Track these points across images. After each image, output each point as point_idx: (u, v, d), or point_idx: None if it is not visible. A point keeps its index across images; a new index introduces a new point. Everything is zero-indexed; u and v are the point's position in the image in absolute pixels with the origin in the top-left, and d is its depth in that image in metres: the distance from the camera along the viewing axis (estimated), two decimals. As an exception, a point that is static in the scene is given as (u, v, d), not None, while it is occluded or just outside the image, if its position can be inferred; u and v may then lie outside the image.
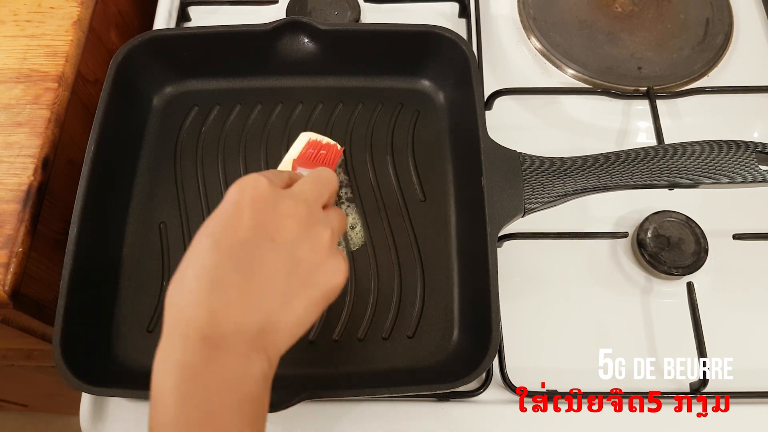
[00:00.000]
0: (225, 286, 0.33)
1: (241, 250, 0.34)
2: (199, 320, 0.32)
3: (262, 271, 0.34)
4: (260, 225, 0.35)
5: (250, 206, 0.35)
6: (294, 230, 0.36)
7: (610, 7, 0.70)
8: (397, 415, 0.51)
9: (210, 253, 0.34)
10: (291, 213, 0.36)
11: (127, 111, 0.58)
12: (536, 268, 0.57)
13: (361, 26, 0.64)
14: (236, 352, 0.33)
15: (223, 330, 0.32)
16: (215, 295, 0.33)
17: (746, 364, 0.53)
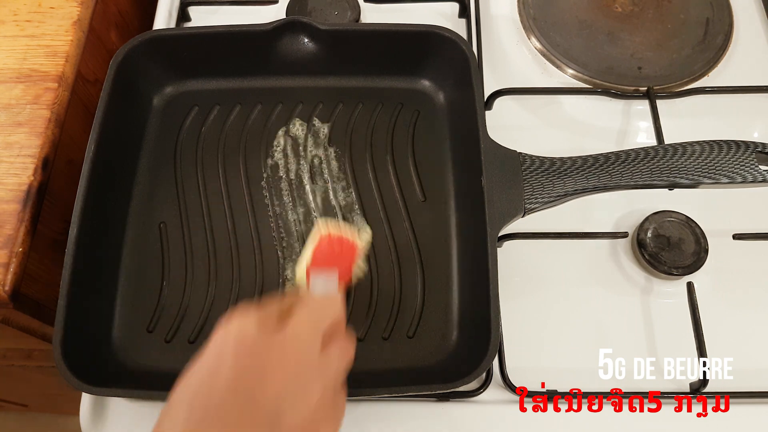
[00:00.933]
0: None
1: (220, 401, 0.32)
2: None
3: (238, 426, 0.32)
4: (241, 375, 0.33)
5: (232, 359, 0.33)
6: (279, 384, 0.33)
7: (610, 7, 0.70)
8: (397, 415, 0.51)
9: (188, 396, 0.33)
10: (278, 362, 0.33)
11: (127, 111, 0.58)
12: (536, 268, 0.57)
13: (361, 26, 0.64)
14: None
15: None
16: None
17: (746, 364, 0.53)
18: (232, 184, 0.58)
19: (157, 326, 0.53)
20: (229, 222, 0.57)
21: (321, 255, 0.47)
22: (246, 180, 0.58)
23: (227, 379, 0.33)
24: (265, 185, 0.58)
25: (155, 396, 0.50)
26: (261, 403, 0.33)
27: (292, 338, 0.35)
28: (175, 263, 0.55)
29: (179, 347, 0.52)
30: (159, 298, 0.54)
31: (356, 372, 0.51)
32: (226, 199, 0.57)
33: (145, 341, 0.52)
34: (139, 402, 0.51)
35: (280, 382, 0.33)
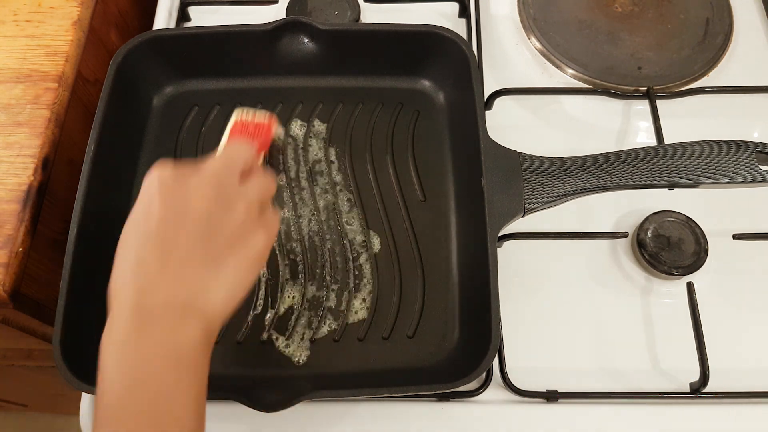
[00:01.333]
0: (147, 264, 0.36)
1: (157, 230, 0.37)
2: (129, 299, 0.35)
3: (179, 245, 0.36)
4: (170, 206, 0.37)
5: (158, 191, 0.38)
6: (204, 204, 0.38)
7: (610, 7, 0.70)
8: (397, 415, 0.51)
9: (131, 241, 0.37)
10: (198, 189, 0.38)
11: (127, 111, 0.58)
12: (536, 268, 0.57)
13: (361, 26, 0.64)
14: (165, 321, 0.35)
15: (150, 303, 0.35)
16: (139, 275, 0.36)
17: (746, 364, 0.53)
18: (232, 184, 0.58)
19: (157, 326, 0.53)
20: (229, 222, 0.57)
21: (237, 135, 0.50)
22: (246, 180, 0.58)
23: (159, 205, 0.37)
24: (265, 185, 0.58)
25: (155, 396, 0.50)
26: (192, 218, 0.37)
27: (207, 169, 0.39)
28: (175, 263, 0.55)
29: (179, 347, 0.52)
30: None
31: (356, 372, 0.51)
32: (226, 199, 0.57)
33: (145, 341, 0.52)
34: (139, 402, 0.51)
35: (205, 201, 0.38)
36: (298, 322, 0.53)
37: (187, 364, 0.35)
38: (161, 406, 0.33)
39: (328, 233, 0.56)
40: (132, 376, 0.34)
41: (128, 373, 0.34)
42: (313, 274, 0.55)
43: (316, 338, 0.52)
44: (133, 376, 0.34)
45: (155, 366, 0.34)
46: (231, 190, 0.39)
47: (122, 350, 0.34)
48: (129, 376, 0.34)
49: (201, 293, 0.36)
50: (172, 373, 0.34)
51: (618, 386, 0.52)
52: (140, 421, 0.33)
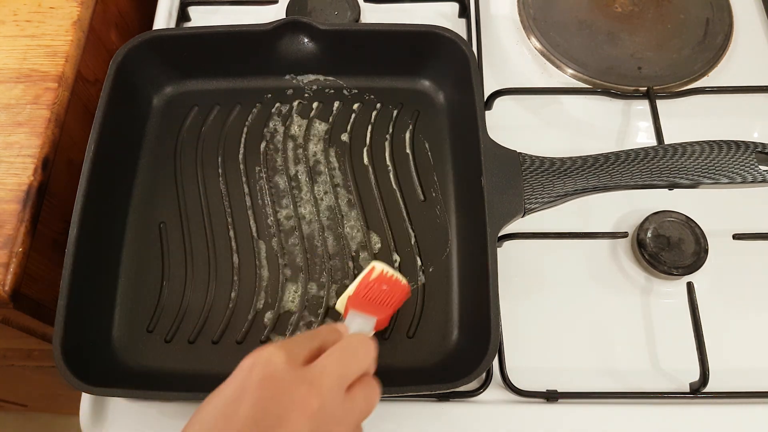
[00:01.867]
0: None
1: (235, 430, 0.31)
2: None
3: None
4: (260, 415, 0.32)
5: (255, 391, 0.32)
6: (299, 426, 0.32)
7: (610, 7, 0.70)
8: (397, 415, 0.51)
9: (204, 424, 0.32)
10: (301, 405, 0.32)
11: (127, 111, 0.58)
12: (536, 268, 0.57)
13: (361, 26, 0.64)
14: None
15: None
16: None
17: (746, 364, 0.53)
18: (231, 184, 0.58)
19: (157, 326, 0.53)
20: (229, 222, 0.57)
21: (364, 293, 0.46)
22: (246, 180, 0.58)
23: (248, 410, 0.32)
24: (265, 185, 0.58)
25: (155, 396, 0.50)
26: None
27: (319, 377, 0.34)
28: (175, 263, 0.55)
29: (179, 347, 0.52)
30: (159, 298, 0.54)
31: (356, 372, 0.51)
32: (226, 199, 0.58)
33: (145, 341, 0.52)
34: (139, 402, 0.51)
35: (302, 423, 0.32)
36: (298, 322, 0.53)
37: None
38: None
39: (328, 233, 0.56)
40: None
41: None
42: (312, 274, 0.55)
43: (316, 338, 0.52)
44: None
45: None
46: (335, 410, 0.33)
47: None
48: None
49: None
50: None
51: (618, 386, 0.52)
52: None
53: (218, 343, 0.52)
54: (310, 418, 0.32)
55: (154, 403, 0.51)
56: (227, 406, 0.32)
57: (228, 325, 0.53)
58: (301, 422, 0.32)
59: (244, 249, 0.56)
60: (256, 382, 0.32)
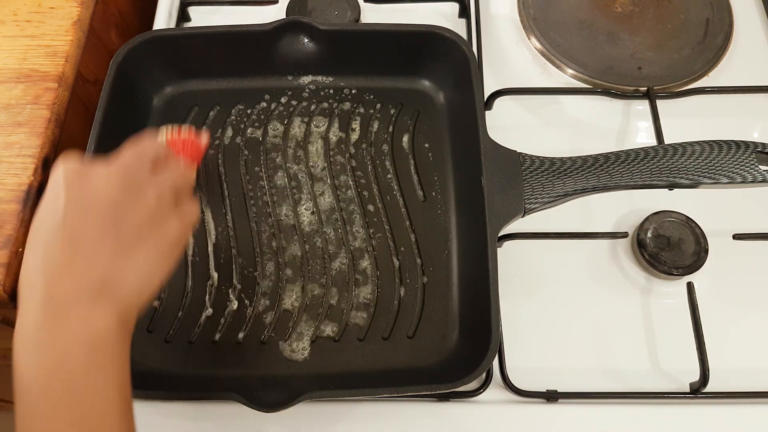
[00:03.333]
0: (54, 256, 0.35)
1: (63, 222, 0.36)
2: (38, 292, 0.35)
3: (86, 235, 0.36)
4: (76, 197, 0.37)
5: (63, 183, 0.37)
6: (111, 192, 0.37)
7: (610, 7, 0.70)
8: (397, 415, 0.51)
9: (38, 235, 0.37)
10: (105, 178, 0.38)
11: (127, 111, 0.58)
12: (536, 268, 0.57)
13: (361, 26, 0.64)
14: (77, 309, 0.34)
15: (60, 293, 0.35)
16: (47, 267, 0.35)
17: (746, 364, 0.53)
18: (232, 184, 0.58)
19: (157, 326, 0.53)
20: (229, 222, 0.57)
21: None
22: (246, 180, 0.58)
23: (64, 197, 0.37)
24: (266, 185, 0.58)
25: (155, 396, 0.50)
26: (98, 209, 0.37)
27: (117, 165, 0.39)
28: (175, 263, 0.55)
29: (179, 347, 0.52)
30: (159, 298, 0.54)
31: (356, 372, 0.51)
32: (226, 198, 0.58)
33: (145, 341, 0.52)
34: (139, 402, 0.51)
35: (112, 191, 0.37)
36: (298, 322, 0.53)
37: (104, 352, 0.34)
38: (79, 396, 0.33)
39: (328, 233, 0.56)
40: (47, 367, 0.33)
41: (43, 364, 0.33)
42: (313, 275, 0.55)
43: (316, 338, 0.52)
44: (48, 367, 0.33)
45: (70, 355, 0.33)
46: (140, 178, 0.39)
47: (35, 342, 0.34)
48: (44, 367, 0.33)
49: (112, 280, 0.36)
50: (88, 362, 0.34)
51: (618, 386, 0.52)
52: (58, 412, 0.33)
53: (218, 343, 0.52)
54: (117, 184, 0.38)
55: (154, 403, 0.51)
56: (49, 203, 0.37)
57: (228, 325, 0.53)
58: (109, 191, 0.37)
59: (244, 249, 0.56)
60: (62, 179, 0.37)
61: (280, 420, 0.49)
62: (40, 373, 0.33)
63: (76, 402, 0.33)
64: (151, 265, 0.38)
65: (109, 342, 0.35)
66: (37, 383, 0.33)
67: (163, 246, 0.38)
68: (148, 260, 0.37)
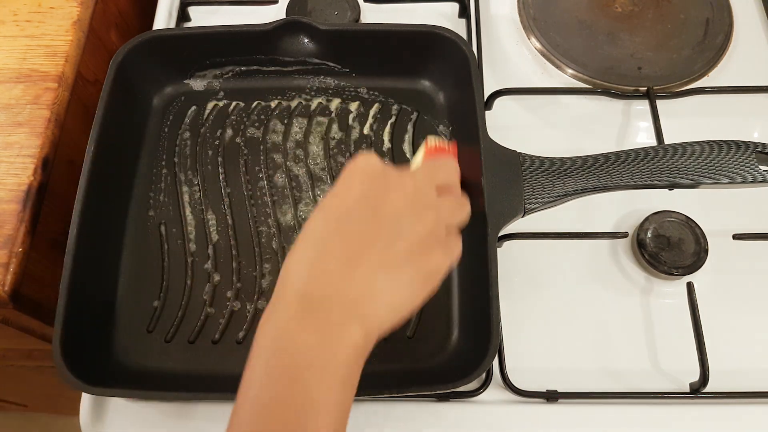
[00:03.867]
0: (327, 252, 0.35)
1: (347, 219, 0.36)
2: (300, 283, 0.35)
3: (364, 239, 0.36)
4: (367, 196, 0.37)
5: (359, 179, 0.38)
6: (399, 204, 0.37)
7: (610, 7, 0.70)
8: (397, 415, 0.51)
9: (318, 223, 0.37)
10: (398, 187, 0.38)
11: (127, 111, 0.58)
12: (536, 268, 0.57)
13: (361, 26, 0.64)
14: (330, 316, 0.34)
15: (320, 293, 0.34)
16: (317, 261, 0.35)
17: (746, 364, 0.53)
18: (232, 184, 0.58)
19: (157, 326, 0.53)
20: (230, 222, 0.57)
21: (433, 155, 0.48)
22: (246, 180, 0.58)
23: (356, 193, 0.37)
24: (265, 185, 0.58)
25: (155, 396, 0.50)
26: (384, 215, 0.37)
27: (411, 176, 0.39)
28: (175, 263, 0.55)
29: (179, 347, 0.52)
30: (159, 298, 0.54)
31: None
32: (226, 198, 0.58)
33: (145, 341, 0.52)
34: (139, 402, 0.51)
35: (400, 202, 0.37)
36: (298, 322, 0.53)
37: (338, 367, 0.33)
38: (304, 409, 0.32)
39: (328, 233, 0.56)
40: (280, 370, 0.33)
41: (279, 363, 0.33)
42: (313, 274, 0.55)
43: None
44: (281, 370, 0.33)
45: (306, 361, 0.33)
46: (427, 200, 0.39)
47: (281, 334, 0.33)
48: (277, 367, 0.33)
49: (369, 298, 0.35)
50: (320, 375, 0.33)
51: (618, 386, 0.52)
52: (277, 405, 0.32)
53: (218, 343, 0.52)
54: (406, 196, 0.38)
55: (154, 403, 0.51)
56: (338, 194, 0.38)
57: (228, 325, 0.53)
58: (400, 203, 0.37)
59: (244, 249, 0.56)
60: (358, 174, 0.38)
61: (280, 420, 0.49)
62: (271, 366, 0.33)
63: (295, 409, 0.32)
64: (408, 292, 0.37)
65: (348, 361, 0.34)
66: (266, 373, 0.33)
67: (424, 274, 0.37)
68: (408, 286, 0.37)
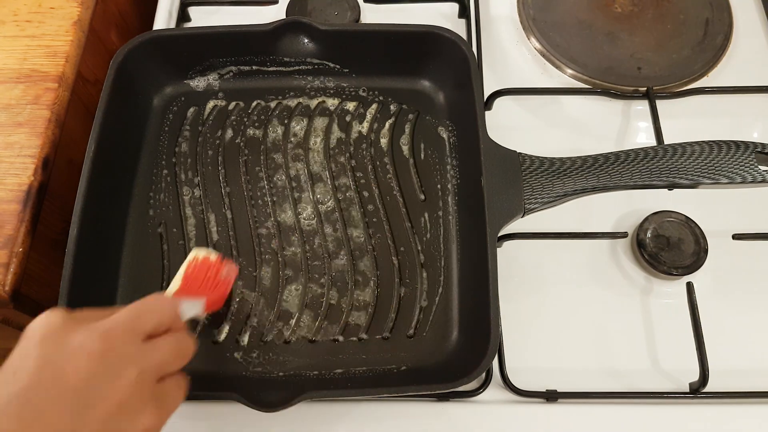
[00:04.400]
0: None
1: (20, 395, 0.31)
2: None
3: (43, 419, 0.31)
4: (44, 364, 0.32)
5: (37, 343, 0.32)
6: (85, 365, 0.32)
7: (610, 7, 0.70)
8: (397, 415, 0.51)
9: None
10: (84, 345, 0.32)
11: (127, 111, 0.58)
12: (536, 268, 0.57)
13: (360, 26, 0.65)
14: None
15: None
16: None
17: (746, 364, 0.53)
18: (232, 184, 0.58)
19: (157, 326, 0.53)
20: (230, 222, 0.57)
21: (192, 280, 0.45)
22: (246, 180, 0.58)
23: (29, 373, 0.32)
24: (266, 185, 0.58)
25: (155, 396, 0.50)
26: (67, 386, 0.32)
27: (105, 324, 0.34)
28: (175, 263, 0.55)
29: (179, 347, 0.52)
30: (159, 298, 0.54)
31: (356, 372, 0.51)
32: (226, 198, 0.58)
33: (145, 341, 0.52)
34: (139, 402, 0.51)
35: (86, 364, 0.32)
36: (298, 322, 0.53)
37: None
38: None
39: (328, 233, 0.56)
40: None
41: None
42: (313, 275, 0.55)
43: (316, 338, 0.52)
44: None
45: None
46: (125, 350, 0.33)
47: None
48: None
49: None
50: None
51: (618, 386, 0.52)
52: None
53: (218, 343, 0.52)
54: (94, 360, 0.32)
55: (154, 403, 0.51)
56: (12, 367, 0.32)
57: (228, 326, 0.53)
58: (83, 365, 0.32)
59: (244, 249, 0.56)
60: (36, 340, 0.33)
61: (280, 420, 0.49)
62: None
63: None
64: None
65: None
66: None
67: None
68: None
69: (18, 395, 0.31)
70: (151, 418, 0.33)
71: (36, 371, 0.31)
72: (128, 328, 0.34)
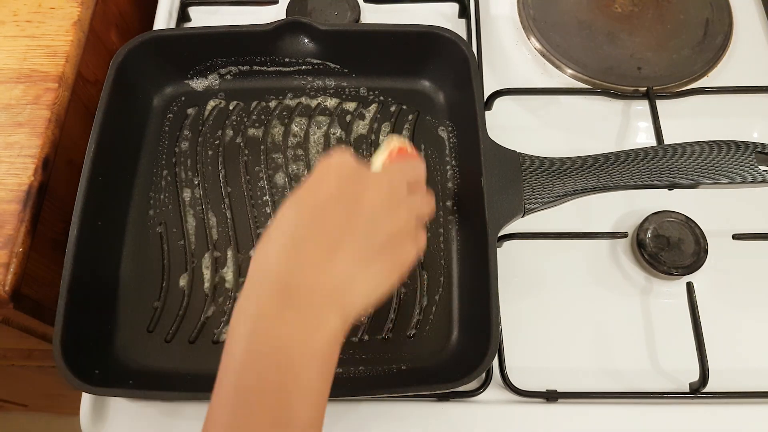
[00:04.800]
0: (305, 243, 0.35)
1: (323, 210, 0.36)
2: (278, 274, 0.34)
3: (342, 232, 0.36)
4: (343, 190, 0.37)
5: (335, 173, 0.38)
6: (375, 202, 0.38)
7: (610, 7, 0.70)
8: (397, 415, 0.51)
9: (293, 214, 0.37)
10: (374, 186, 0.39)
11: (127, 111, 0.58)
12: (536, 268, 0.57)
13: (360, 26, 0.65)
14: (310, 307, 0.34)
15: (299, 284, 0.34)
16: (294, 252, 0.35)
17: (746, 364, 0.53)
18: (232, 184, 0.58)
19: (157, 326, 0.53)
20: (230, 222, 0.57)
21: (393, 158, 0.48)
22: (246, 180, 0.58)
23: (332, 186, 0.37)
24: (266, 185, 0.58)
25: (155, 396, 0.50)
26: (360, 209, 0.37)
27: (384, 174, 0.41)
28: (175, 263, 0.55)
29: (179, 347, 0.52)
30: (159, 298, 0.54)
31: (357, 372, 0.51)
32: (226, 198, 0.58)
33: (145, 341, 0.52)
34: (139, 402, 0.51)
35: (377, 198, 0.38)
36: (298, 322, 0.53)
37: (319, 357, 0.34)
38: (287, 391, 0.32)
39: (328, 233, 0.56)
40: (261, 364, 0.32)
41: (259, 357, 0.33)
42: (313, 274, 0.55)
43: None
44: (263, 364, 0.32)
45: (288, 355, 0.33)
46: (400, 196, 0.40)
47: (259, 329, 0.33)
48: (257, 362, 0.32)
49: (346, 288, 0.36)
50: (303, 367, 0.33)
51: (618, 386, 0.52)
52: (259, 403, 0.32)
53: (218, 343, 0.52)
54: (381, 194, 0.38)
55: (154, 403, 0.51)
56: (313, 185, 0.38)
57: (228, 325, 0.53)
58: (375, 199, 0.38)
59: (244, 249, 0.56)
60: (334, 168, 0.38)
61: (280, 420, 0.49)
62: (251, 361, 0.33)
63: (279, 391, 0.32)
64: (381, 281, 0.38)
65: (328, 350, 0.34)
66: (246, 369, 0.33)
67: (396, 266, 0.39)
68: (381, 276, 0.38)
69: (321, 208, 0.36)
70: (410, 249, 0.40)
71: (334, 194, 0.37)
72: (401, 178, 0.41)
